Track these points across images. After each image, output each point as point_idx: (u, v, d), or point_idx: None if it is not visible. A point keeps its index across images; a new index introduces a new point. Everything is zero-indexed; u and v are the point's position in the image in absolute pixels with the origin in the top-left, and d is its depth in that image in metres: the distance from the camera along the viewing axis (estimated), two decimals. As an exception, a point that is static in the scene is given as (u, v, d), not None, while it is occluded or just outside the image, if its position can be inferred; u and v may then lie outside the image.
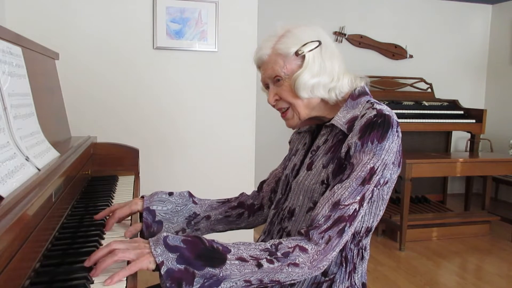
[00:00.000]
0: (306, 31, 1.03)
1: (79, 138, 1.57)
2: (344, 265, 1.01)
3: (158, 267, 0.81)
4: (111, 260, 0.80)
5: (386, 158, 0.93)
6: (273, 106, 1.08)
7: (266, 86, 1.09)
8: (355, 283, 1.04)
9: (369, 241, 1.06)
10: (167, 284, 0.79)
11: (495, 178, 4.04)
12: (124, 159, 1.73)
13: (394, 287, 2.54)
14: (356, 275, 1.04)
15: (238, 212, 1.26)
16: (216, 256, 0.84)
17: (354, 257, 1.03)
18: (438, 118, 3.77)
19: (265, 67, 1.05)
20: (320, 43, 1.02)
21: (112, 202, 1.31)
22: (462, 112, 3.91)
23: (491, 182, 3.70)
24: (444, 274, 2.78)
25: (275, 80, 1.04)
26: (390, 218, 3.24)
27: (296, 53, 1.00)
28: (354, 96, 1.03)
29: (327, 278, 1.01)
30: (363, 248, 1.04)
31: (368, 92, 1.06)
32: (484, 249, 3.19)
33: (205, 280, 0.81)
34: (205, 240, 0.86)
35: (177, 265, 0.80)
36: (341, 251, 1.00)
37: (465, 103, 4.29)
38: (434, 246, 3.23)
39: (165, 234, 0.85)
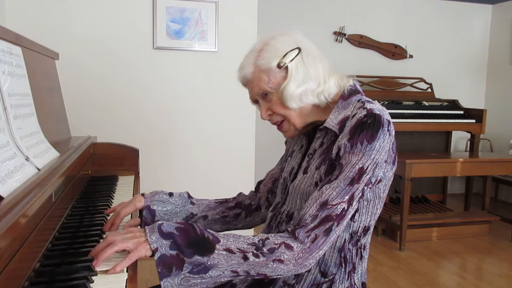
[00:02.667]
0: (284, 41, 1.02)
1: (79, 138, 1.57)
2: (344, 265, 1.01)
3: (153, 253, 0.85)
4: (111, 250, 0.84)
5: (377, 157, 0.93)
6: (268, 120, 1.08)
7: (255, 101, 1.09)
8: (354, 283, 1.04)
9: (368, 241, 1.06)
10: (159, 269, 0.83)
11: (495, 178, 4.03)
12: (124, 159, 1.73)
13: (394, 287, 2.54)
14: (355, 275, 1.04)
15: (235, 212, 1.26)
16: (205, 245, 0.87)
17: (353, 257, 1.03)
18: (438, 118, 3.77)
19: (251, 85, 1.05)
20: (300, 50, 1.00)
21: (112, 202, 1.32)
22: (462, 112, 3.91)
23: (491, 182, 3.70)
24: (444, 274, 2.78)
25: (264, 96, 1.04)
26: (390, 218, 3.24)
27: (279, 66, 1.00)
28: (345, 96, 1.03)
29: (326, 279, 1.01)
30: (362, 247, 1.04)
31: (359, 90, 1.06)
32: (484, 249, 3.19)
33: (194, 267, 0.85)
34: (197, 228, 0.89)
35: (170, 251, 0.84)
36: (340, 251, 1.01)
37: (465, 103, 4.29)
38: (434, 246, 3.23)
39: (160, 222, 0.89)
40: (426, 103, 3.94)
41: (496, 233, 3.50)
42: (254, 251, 0.88)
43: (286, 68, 1.00)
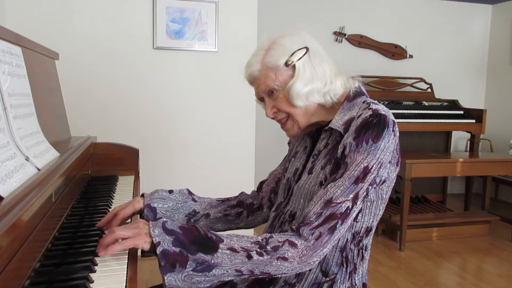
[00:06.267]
0: (292, 40, 1.02)
1: (79, 138, 1.57)
2: (345, 265, 1.02)
3: (153, 248, 0.86)
4: (111, 237, 0.87)
5: (382, 157, 0.93)
6: (272, 118, 1.08)
7: (261, 99, 1.09)
8: (355, 283, 1.04)
9: (370, 241, 1.06)
10: (162, 263, 0.84)
11: (495, 178, 4.03)
12: (124, 159, 1.73)
13: (394, 287, 2.54)
14: (356, 275, 1.04)
15: (237, 211, 1.26)
16: (209, 243, 0.87)
17: (355, 257, 1.03)
18: (438, 118, 3.77)
19: (257, 83, 1.05)
20: (307, 49, 1.01)
21: (112, 202, 1.32)
22: (462, 112, 3.91)
23: (491, 182, 3.70)
24: (444, 274, 2.78)
25: (270, 93, 1.04)
26: (390, 218, 3.24)
27: (286, 64, 1.00)
28: (350, 97, 1.03)
29: (327, 279, 1.01)
30: (364, 248, 1.04)
31: (364, 92, 1.06)
32: (484, 249, 3.19)
33: (197, 265, 0.86)
34: (200, 228, 0.90)
35: (173, 247, 0.85)
36: (342, 251, 1.01)
37: (465, 103, 4.29)
38: (434, 246, 3.23)
39: (164, 219, 0.90)
40: (426, 103, 3.94)
41: (496, 233, 3.50)
42: (258, 250, 0.89)
43: (294, 66, 1.00)
